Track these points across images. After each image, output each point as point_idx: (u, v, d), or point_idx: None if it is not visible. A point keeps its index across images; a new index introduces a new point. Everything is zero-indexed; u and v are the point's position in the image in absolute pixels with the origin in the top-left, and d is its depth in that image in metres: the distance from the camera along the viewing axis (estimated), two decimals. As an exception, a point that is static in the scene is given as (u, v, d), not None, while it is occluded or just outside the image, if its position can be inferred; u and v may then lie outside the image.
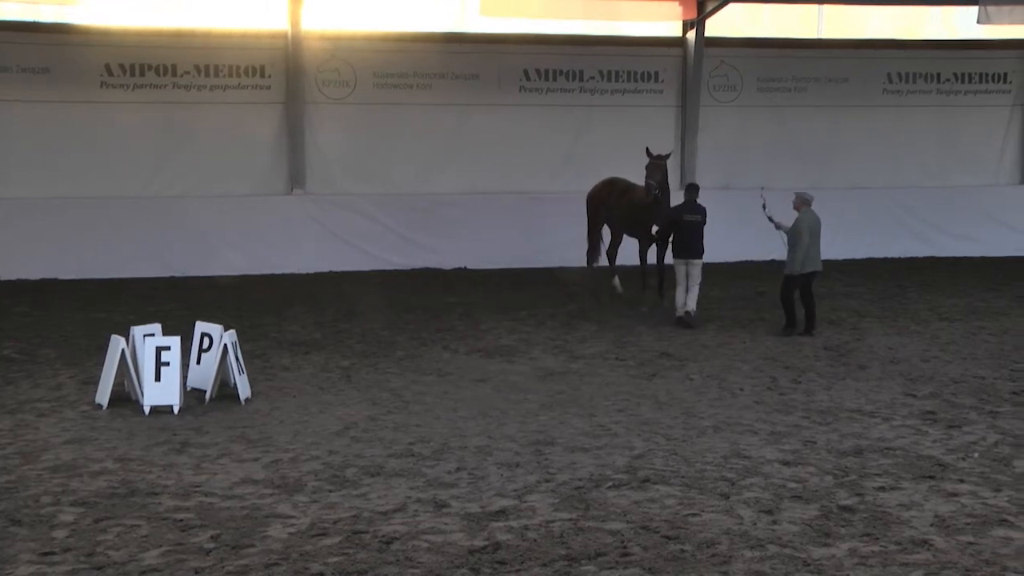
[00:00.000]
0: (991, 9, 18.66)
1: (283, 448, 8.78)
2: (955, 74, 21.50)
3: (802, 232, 13.44)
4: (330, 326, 14.08)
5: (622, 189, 16.16)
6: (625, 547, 6.66)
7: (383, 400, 10.38)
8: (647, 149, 15.31)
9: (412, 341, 13.20)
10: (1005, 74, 21.64)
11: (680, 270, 14.30)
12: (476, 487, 7.79)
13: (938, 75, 21.43)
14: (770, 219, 14.17)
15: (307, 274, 18.36)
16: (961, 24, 21.35)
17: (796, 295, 13.71)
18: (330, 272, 18.58)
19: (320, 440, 9.01)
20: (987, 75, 21.59)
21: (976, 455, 8.53)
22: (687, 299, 14.26)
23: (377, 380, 11.21)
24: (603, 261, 16.78)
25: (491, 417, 9.74)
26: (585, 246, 16.88)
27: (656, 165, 15.04)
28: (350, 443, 8.93)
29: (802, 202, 13.81)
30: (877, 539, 6.78)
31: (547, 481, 7.90)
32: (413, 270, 18.88)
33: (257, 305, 15.48)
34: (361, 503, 7.47)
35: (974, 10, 18.59)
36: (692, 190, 14.66)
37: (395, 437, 9.10)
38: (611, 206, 16.13)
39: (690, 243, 14.25)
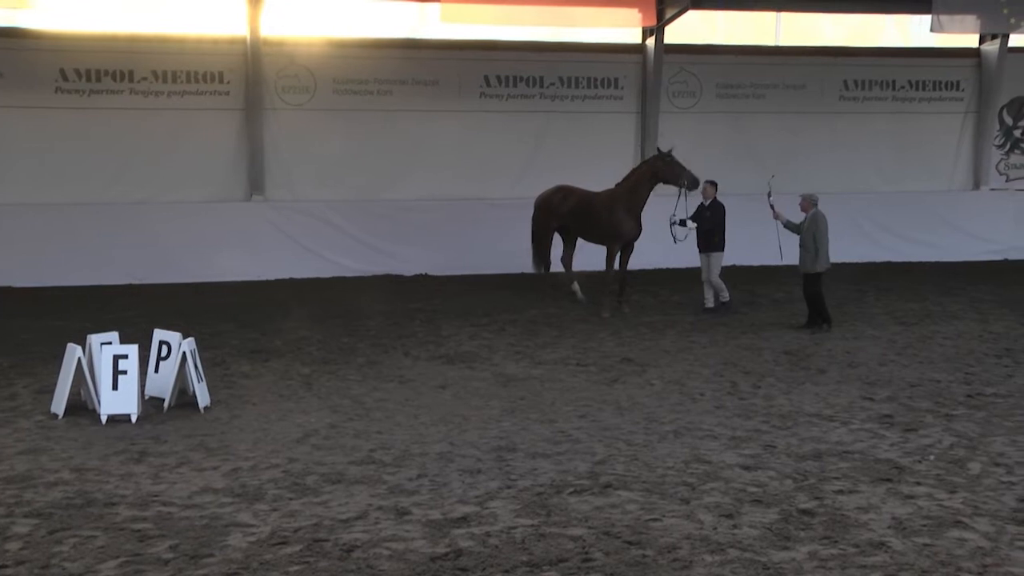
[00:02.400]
0: (943, 18, 18.96)
1: (243, 456, 8.71)
2: (910, 81, 21.80)
3: (821, 232, 14.04)
4: (290, 333, 14.00)
5: (580, 196, 16.20)
6: (587, 553, 6.67)
7: (344, 407, 10.33)
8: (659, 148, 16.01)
9: (373, 348, 13.15)
10: (958, 82, 21.98)
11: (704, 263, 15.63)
12: (437, 494, 7.77)
13: (893, 82, 21.72)
14: (772, 207, 14.74)
15: (267, 281, 18.24)
16: (915, 32, 21.65)
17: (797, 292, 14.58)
18: (290, 279, 18.48)
19: (280, 448, 8.94)
20: (940, 83, 21.93)
21: (932, 458, 8.63)
22: (708, 293, 15.64)
23: (338, 387, 11.16)
24: (553, 268, 16.81)
25: (452, 423, 9.72)
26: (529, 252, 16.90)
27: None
28: (311, 451, 8.88)
29: (810, 203, 14.34)
30: (836, 542, 6.84)
31: (508, 487, 7.90)
32: (373, 276, 18.82)
33: (216, 312, 15.35)
34: (322, 511, 7.43)
35: (928, 18, 18.87)
36: (712, 186, 15.58)
37: (356, 444, 9.06)
38: (566, 214, 16.09)
39: (710, 238, 15.40)
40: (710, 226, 15.45)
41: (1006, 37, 21.21)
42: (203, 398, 10.18)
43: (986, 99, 21.88)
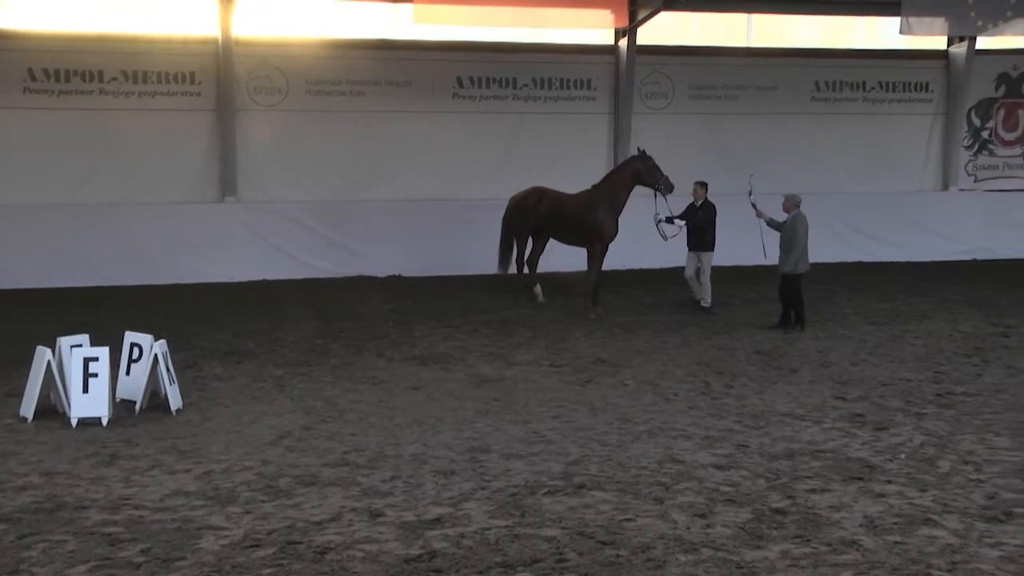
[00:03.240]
0: (912, 20, 19.10)
1: (215, 459, 8.65)
2: (880, 82, 21.97)
3: (799, 234, 14.16)
4: (263, 335, 13.93)
5: (556, 198, 16.21)
6: (561, 553, 6.67)
7: (317, 409, 10.29)
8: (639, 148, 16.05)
9: (346, 349, 13.11)
10: (927, 83, 22.17)
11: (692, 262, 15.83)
12: (411, 495, 7.75)
13: (864, 83, 21.88)
14: (753, 206, 14.91)
15: (239, 282, 18.13)
16: (885, 34, 21.81)
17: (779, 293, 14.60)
18: (262, 280, 18.38)
19: (253, 450, 8.90)
20: (910, 84, 22.12)
21: (903, 456, 8.69)
22: (696, 289, 15.84)
23: (311, 389, 11.11)
24: (513, 268, 16.82)
25: (426, 425, 9.70)
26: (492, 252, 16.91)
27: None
28: (284, 453, 8.84)
29: (792, 204, 14.47)
30: (808, 541, 6.88)
31: (482, 488, 7.89)
32: (347, 278, 18.76)
33: (188, 314, 15.26)
34: (295, 513, 7.39)
35: (897, 20, 19.02)
36: (702, 187, 15.82)
37: (329, 446, 9.02)
38: (543, 216, 16.07)
39: (702, 236, 15.66)
40: (704, 224, 15.66)
41: (973, 39, 21.40)
42: (175, 400, 10.11)
43: (954, 100, 22.08)
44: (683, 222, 15.76)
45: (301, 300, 16.73)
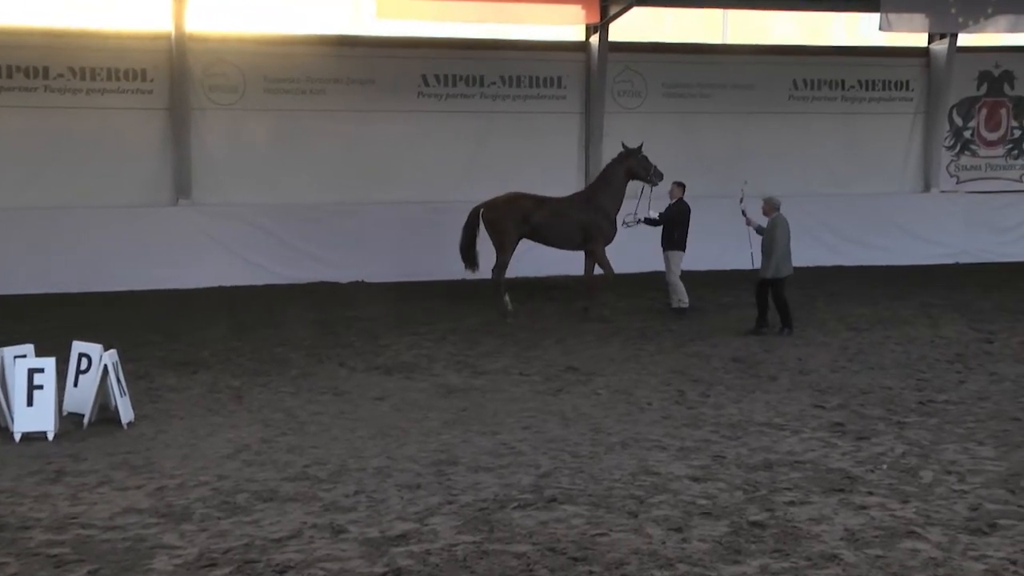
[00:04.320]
0: (892, 16, 19.31)
1: (169, 474, 8.58)
2: (859, 81, 22.17)
3: (777, 237, 14.30)
4: (220, 343, 13.84)
5: (554, 203, 16.24)
6: (531, 570, 6.66)
7: (276, 421, 10.23)
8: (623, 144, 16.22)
9: (307, 358, 13.05)
10: (907, 81, 22.39)
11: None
12: (375, 510, 7.71)
13: (843, 82, 22.07)
14: (744, 213, 15.05)
15: (194, 289, 18.03)
16: (865, 31, 22.01)
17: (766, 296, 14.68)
18: (219, 286, 18.29)
19: (209, 464, 8.83)
20: (890, 82, 22.33)
21: (884, 467, 8.74)
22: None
23: (270, 400, 11.05)
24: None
25: (391, 437, 9.67)
26: (483, 260, 16.70)
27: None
28: (241, 467, 8.77)
29: (772, 207, 14.65)
30: (787, 555, 6.90)
31: (450, 503, 7.86)
32: (307, 284, 18.69)
33: (141, 322, 15.15)
34: (253, 530, 7.33)
35: (877, 17, 19.20)
36: (679, 186, 16.01)
37: (289, 459, 8.97)
38: (540, 222, 15.92)
39: (669, 235, 15.81)
40: (671, 222, 15.81)
41: (955, 36, 21.64)
42: (126, 413, 10.01)
43: (935, 99, 22.30)
44: (655, 215, 15.88)
45: (259, 307, 16.63)
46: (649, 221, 15.95)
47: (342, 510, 7.73)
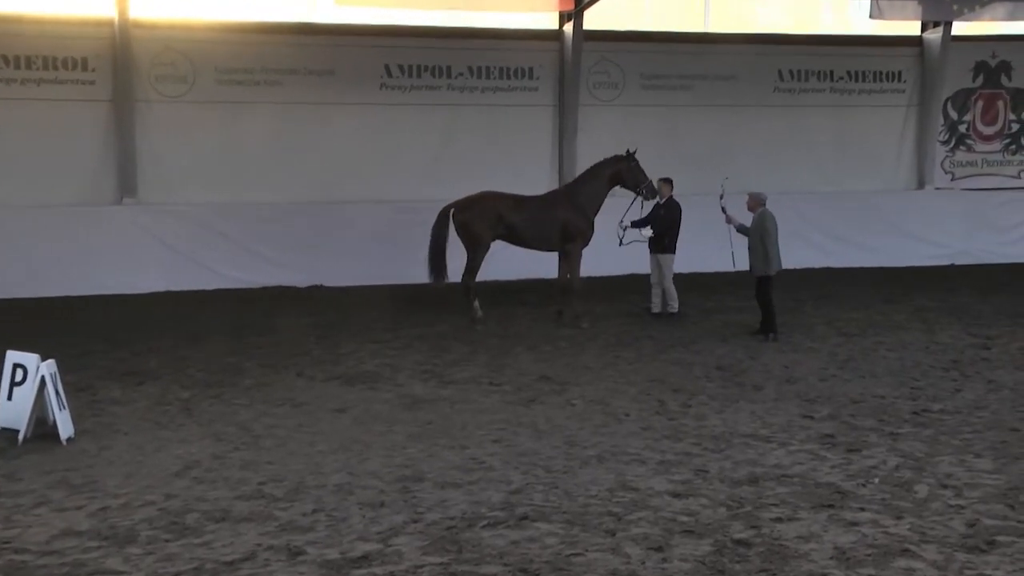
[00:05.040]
0: (884, 3, 19.49)
1: (112, 493, 8.51)
2: (849, 72, 22.31)
3: (770, 231, 14.54)
4: (168, 352, 13.77)
5: (532, 201, 16.25)
6: (502, 593, 6.66)
7: (229, 435, 10.18)
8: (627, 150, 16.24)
9: (262, 368, 13.00)
10: (899, 72, 22.55)
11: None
12: (335, 530, 7.68)
13: (831, 72, 22.21)
14: (724, 211, 15.22)
15: (141, 294, 17.95)
16: (855, 19, 22.17)
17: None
18: (167, 291, 18.21)
19: (156, 483, 8.77)
20: (881, 73, 22.49)
21: (876, 481, 8.79)
22: (656, 297, 16.22)
23: (222, 413, 10.99)
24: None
25: (352, 451, 9.64)
26: (451, 263, 16.68)
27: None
28: (191, 485, 8.72)
29: (757, 202, 14.88)
30: (774, 575, 6.92)
31: (415, 521, 7.85)
32: (263, 288, 18.64)
33: (82, 330, 15.05)
34: (204, 553, 7.29)
35: (867, 3, 19.34)
36: (666, 184, 16.21)
37: (243, 476, 8.92)
38: (518, 222, 15.90)
39: (659, 239, 16.02)
40: (664, 225, 15.95)
41: (949, 25, 21.83)
42: (65, 428, 9.92)
43: (929, 91, 22.49)
44: (650, 232, 15.95)
45: (211, 313, 16.57)
46: (637, 224, 15.98)
47: (300, 530, 7.69)
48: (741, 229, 15.14)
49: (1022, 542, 7.43)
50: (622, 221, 15.99)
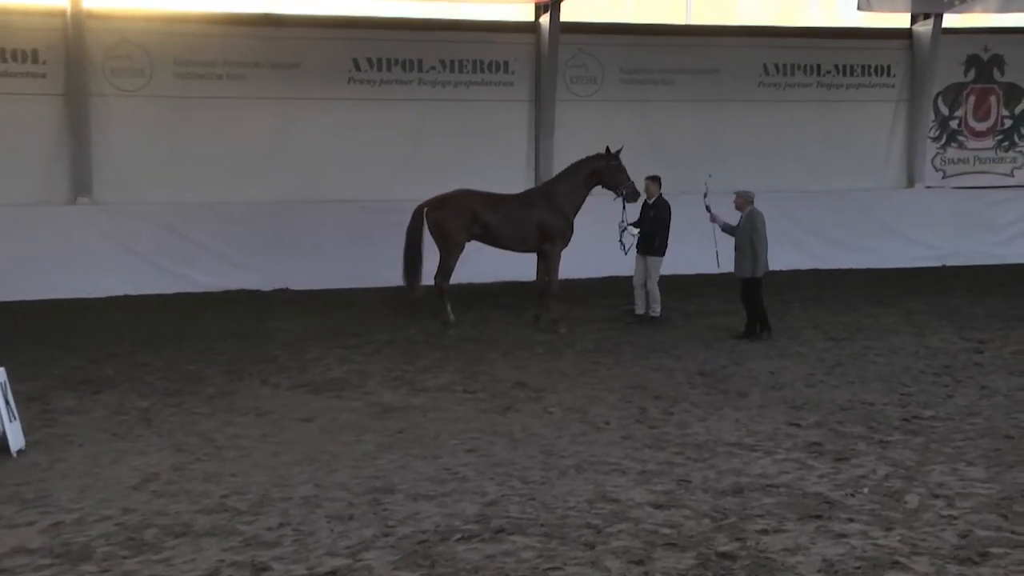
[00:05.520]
0: (872, -6, 19.58)
1: (66, 508, 8.46)
2: (836, 66, 22.42)
3: (760, 231, 14.72)
4: (126, 359, 13.72)
5: (509, 200, 16.27)
6: (477, 609, 6.66)
7: (190, 446, 10.14)
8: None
9: (225, 375, 12.96)
10: (888, 66, 22.68)
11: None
12: (302, 545, 7.66)
13: (818, 67, 22.31)
14: (708, 209, 15.31)
15: (96, 298, 17.86)
16: (842, 11, 22.30)
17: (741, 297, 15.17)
18: (124, 295, 18.14)
19: (113, 496, 8.72)
20: (870, 67, 22.61)
21: (866, 490, 8.83)
22: (640, 299, 16.26)
23: (183, 422, 10.95)
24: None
25: (319, 462, 9.62)
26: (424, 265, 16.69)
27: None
28: (150, 498, 8.68)
29: (746, 201, 15.03)
30: (760, 588, 6.95)
31: (386, 535, 7.84)
32: (225, 292, 18.59)
33: (34, 336, 14.97)
34: (163, 570, 7.26)
35: (855, -5, 19.49)
36: (654, 182, 16.31)
37: (205, 489, 8.89)
38: (493, 222, 15.88)
39: (649, 239, 16.08)
40: (650, 227, 16.04)
41: (940, 17, 21.97)
42: (15, 440, 9.86)
43: (919, 86, 22.62)
44: (637, 230, 16.04)
45: (172, 319, 16.51)
46: (635, 224, 16.11)
47: (265, 545, 7.67)
48: (726, 228, 15.23)
49: (1016, 553, 7.47)
50: (622, 222, 15.99)
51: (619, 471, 9.35)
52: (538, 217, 15.95)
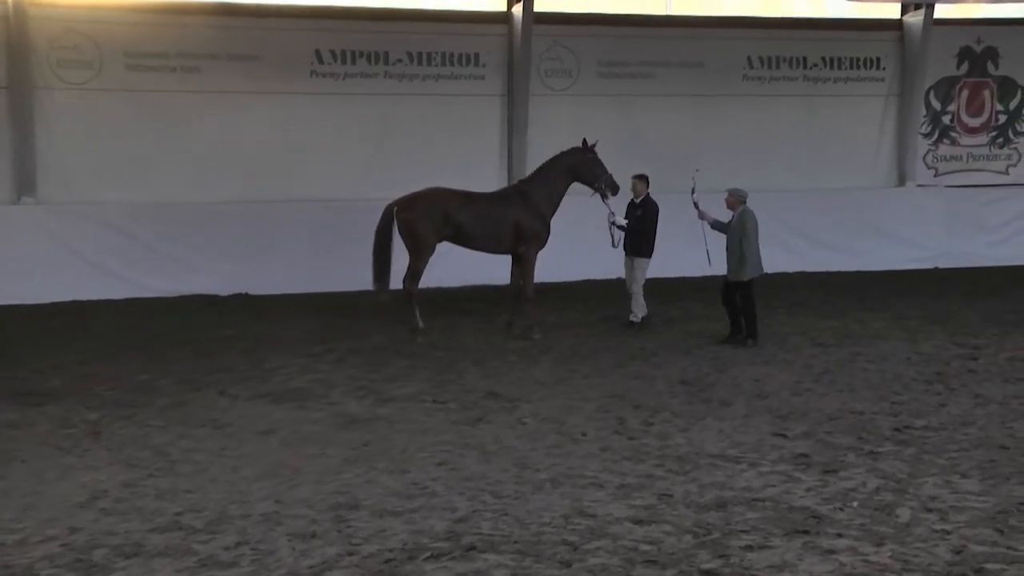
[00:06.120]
0: (861, -17, 19.68)
1: (8, 528, 8.40)
2: (823, 59, 22.54)
3: (750, 232, 14.84)
4: (73, 370, 13.64)
5: (482, 198, 16.27)
6: (446, 632, 6.65)
7: (142, 460, 10.09)
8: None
9: (179, 385, 12.91)
10: (878, 59, 22.82)
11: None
12: (262, 565, 7.64)
13: (804, 59, 22.42)
14: (696, 206, 15.41)
15: (41, 304, 17.78)
16: (829, 1, 22.41)
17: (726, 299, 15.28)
18: (72, 301, 18.04)
19: (59, 515, 8.67)
20: (858, 60, 22.73)
21: (855, 504, 8.86)
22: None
23: (134, 436, 10.89)
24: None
25: (280, 477, 9.59)
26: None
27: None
28: (99, 517, 8.63)
29: (738, 200, 15.12)
30: (745, 607, 6.97)
31: (350, 554, 7.82)
32: (180, 297, 18.53)
33: (-24, 345, 14.88)
34: (113, 593, 7.23)
35: (843, -15, 19.59)
36: (642, 181, 16.44)
37: (158, 507, 8.84)
38: (466, 221, 15.84)
39: (636, 240, 16.20)
40: (638, 227, 16.11)
41: (931, 7, 22.11)
42: (-43, 455, 9.81)
43: (910, 79, 22.75)
44: (624, 221, 16.15)
45: (122, 326, 16.43)
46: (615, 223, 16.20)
47: (221, 566, 7.64)
48: (716, 225, 15.31)
49: (1012, 570, 7.52)
50: (610, 214, 16.02)
51: (596, 485, 9.36)
52: (514, 217, 15.94)
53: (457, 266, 17.86)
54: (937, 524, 8.42)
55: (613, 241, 16.21)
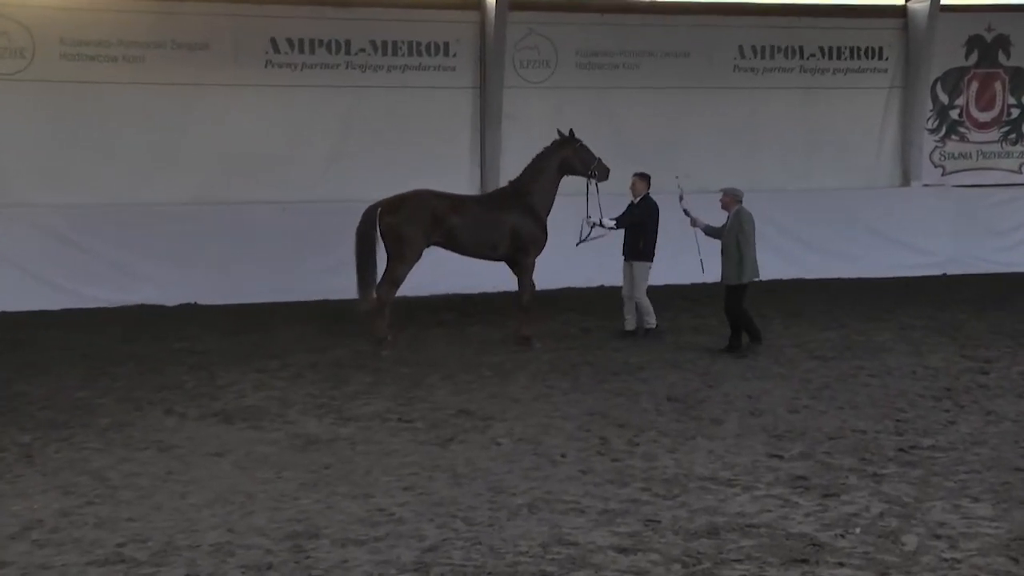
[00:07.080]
0: (861, -33, 19.78)
1: (-65, 560, 8.36)
2: (822, 48, 22.62)
3: (748, 233, 15.00)
4: (2, 388, 13.58)
5: (476, 202, 16.33)
6: (414, 671, 6.64)
7: (80, 486, 10.03)
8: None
9: (122, 404, 12.86)
10: (880, 48, 22.90)
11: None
12: (211, 601, 7.62)
13: (801, 49, 22.49)
14: (686, 212, 15.58)
15: (-30, 316, 17.68)
16: (827, -14, 22.53)
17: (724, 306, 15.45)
18: (2, 313, 17.93)
19: (-11, 546, 8.63)
20: (860, 49, 22.81)
21: (857, 530, 8.89)
22: (629, 312, 16.49)
23: (72, 459, 10.83)
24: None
25: (233, 504, 9.55)
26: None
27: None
28: (31, 549, 8.57)
29: (734, 200, 15.25)
30: (738, 643, 6.98)
31: (309, 588, 7.81)
32: (121, 307, 18.47)
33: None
34: (49, 631, 7.19)
35: (842, -31, 19.69)
36: (641, 179, 16.57)
37: (98, 537, 8.80)
38: (457, 226, 15.76)
39: (634, 242, 16.35)
40: (636, 226, 16.21)
41: (937, -8, 22.25)
42: None
43: (915, 71, 22.83)
44: (612, 222, 16.17)
45: (58, 340, 16.36)
46: (601, 223, 16.19)
47: (168, 601, 7.61)
48: (709, 231, 15.37)
49: (1027, 600, 7.57)
50: (589, 216, 16.05)
51: (577, 510, 9.36)
52: (512, 222, 15.91)
53: (424, 273, 17.81)
54: (946, 552, 8.45)
55: (581, 236, 16.23)
